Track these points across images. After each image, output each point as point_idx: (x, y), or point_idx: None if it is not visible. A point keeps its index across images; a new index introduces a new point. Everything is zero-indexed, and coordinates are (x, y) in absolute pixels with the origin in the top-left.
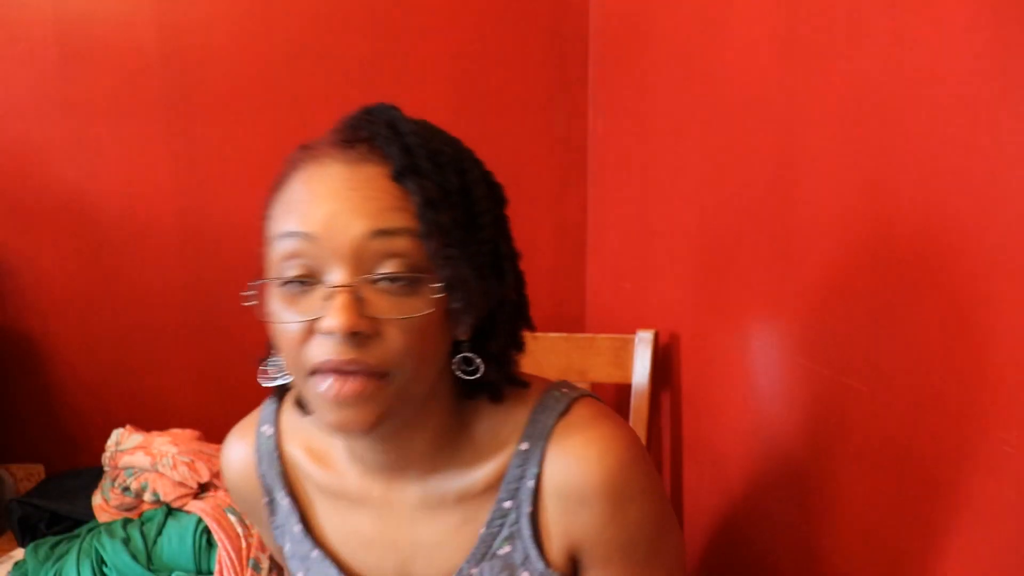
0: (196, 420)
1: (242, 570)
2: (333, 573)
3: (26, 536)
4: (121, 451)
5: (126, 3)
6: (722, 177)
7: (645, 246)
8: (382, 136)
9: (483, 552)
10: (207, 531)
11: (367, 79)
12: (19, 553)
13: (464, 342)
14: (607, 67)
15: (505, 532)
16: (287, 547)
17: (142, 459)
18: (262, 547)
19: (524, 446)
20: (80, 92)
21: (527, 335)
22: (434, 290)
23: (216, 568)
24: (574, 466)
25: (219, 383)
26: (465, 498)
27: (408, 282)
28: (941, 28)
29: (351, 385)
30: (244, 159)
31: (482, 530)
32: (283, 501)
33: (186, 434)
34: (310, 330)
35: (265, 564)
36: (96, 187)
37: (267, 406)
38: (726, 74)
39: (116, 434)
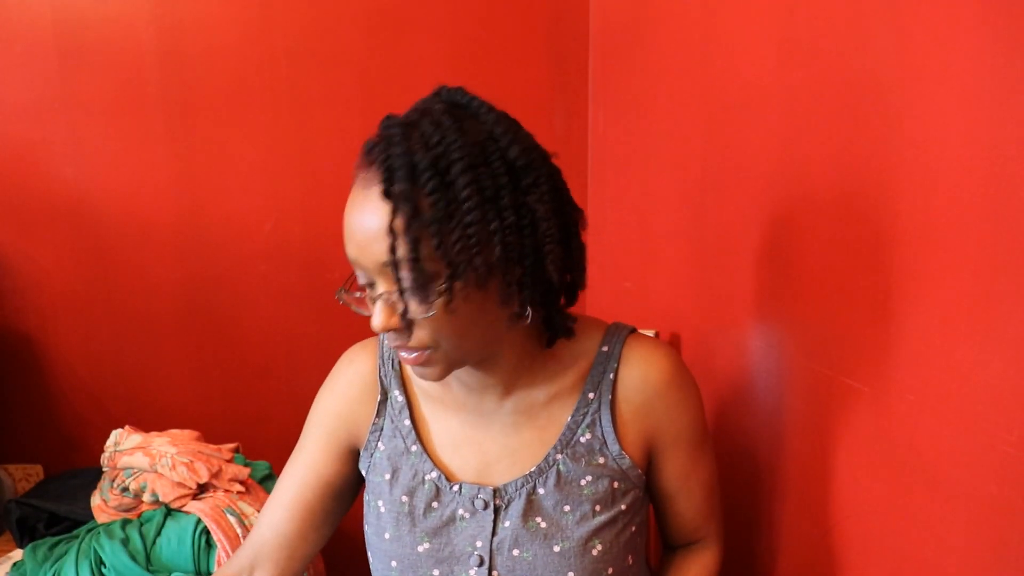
0: (195, 420)
1: None
2: (428, 466)
3: (24, 537)
4: (120, 451)
5: (125, 3)
6: (722, 176)
7: (646, 245)
8: (376, 155)
9: (568, 439)
10: (206, 532)
11: (367, 79)
12: (17, 554)
13: (526, 295)
14: (607, 67)
15: (588, 420)
16: (380, 447)
17: (141, 459)
18: None
19: (604, 348)
20: (80, 92)
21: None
22: (441, 288)
23: (215, 569)
24: (646, 364)
25: (218, 384)
26: (555, 398)
27: (420, 287)
28: (941, 27)
29: (411, 359)
30: (243, 159)
31: (568, 419)
32: (398, 399)
33: (185, 434)
34: None
35: None
36: (95, 187)
37: None
38: (726, 73)
39: (115, 434)
